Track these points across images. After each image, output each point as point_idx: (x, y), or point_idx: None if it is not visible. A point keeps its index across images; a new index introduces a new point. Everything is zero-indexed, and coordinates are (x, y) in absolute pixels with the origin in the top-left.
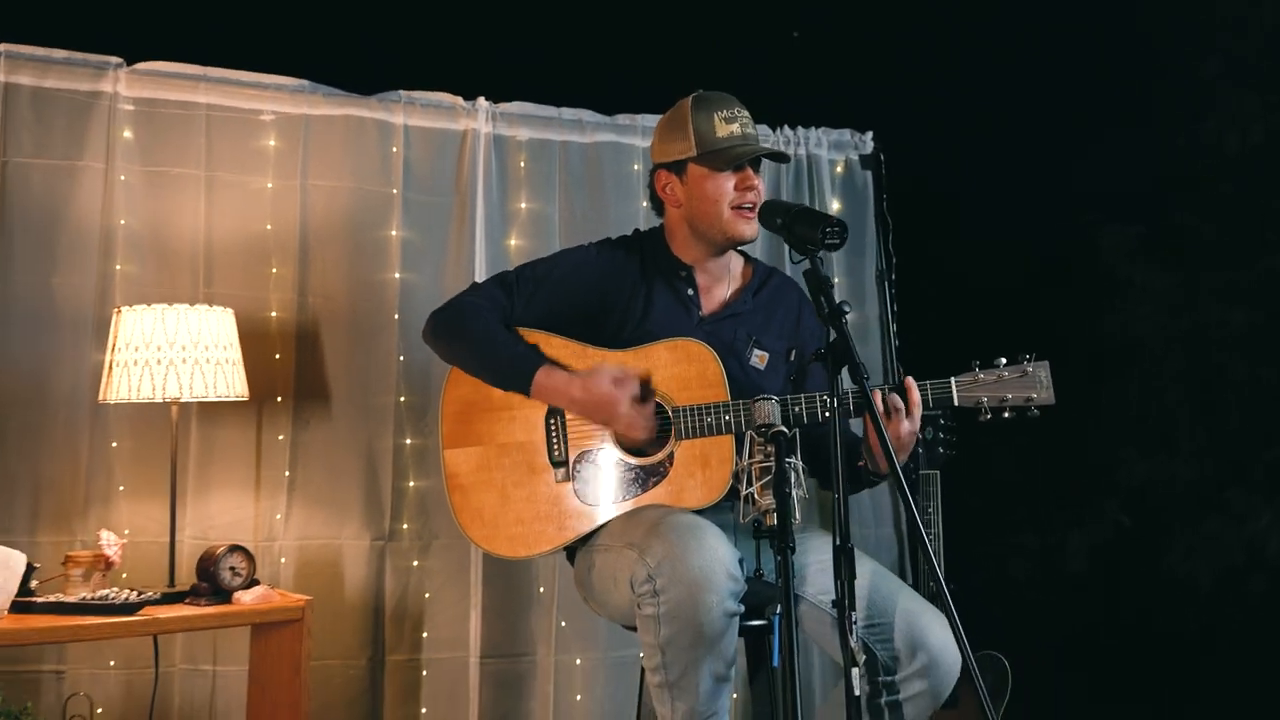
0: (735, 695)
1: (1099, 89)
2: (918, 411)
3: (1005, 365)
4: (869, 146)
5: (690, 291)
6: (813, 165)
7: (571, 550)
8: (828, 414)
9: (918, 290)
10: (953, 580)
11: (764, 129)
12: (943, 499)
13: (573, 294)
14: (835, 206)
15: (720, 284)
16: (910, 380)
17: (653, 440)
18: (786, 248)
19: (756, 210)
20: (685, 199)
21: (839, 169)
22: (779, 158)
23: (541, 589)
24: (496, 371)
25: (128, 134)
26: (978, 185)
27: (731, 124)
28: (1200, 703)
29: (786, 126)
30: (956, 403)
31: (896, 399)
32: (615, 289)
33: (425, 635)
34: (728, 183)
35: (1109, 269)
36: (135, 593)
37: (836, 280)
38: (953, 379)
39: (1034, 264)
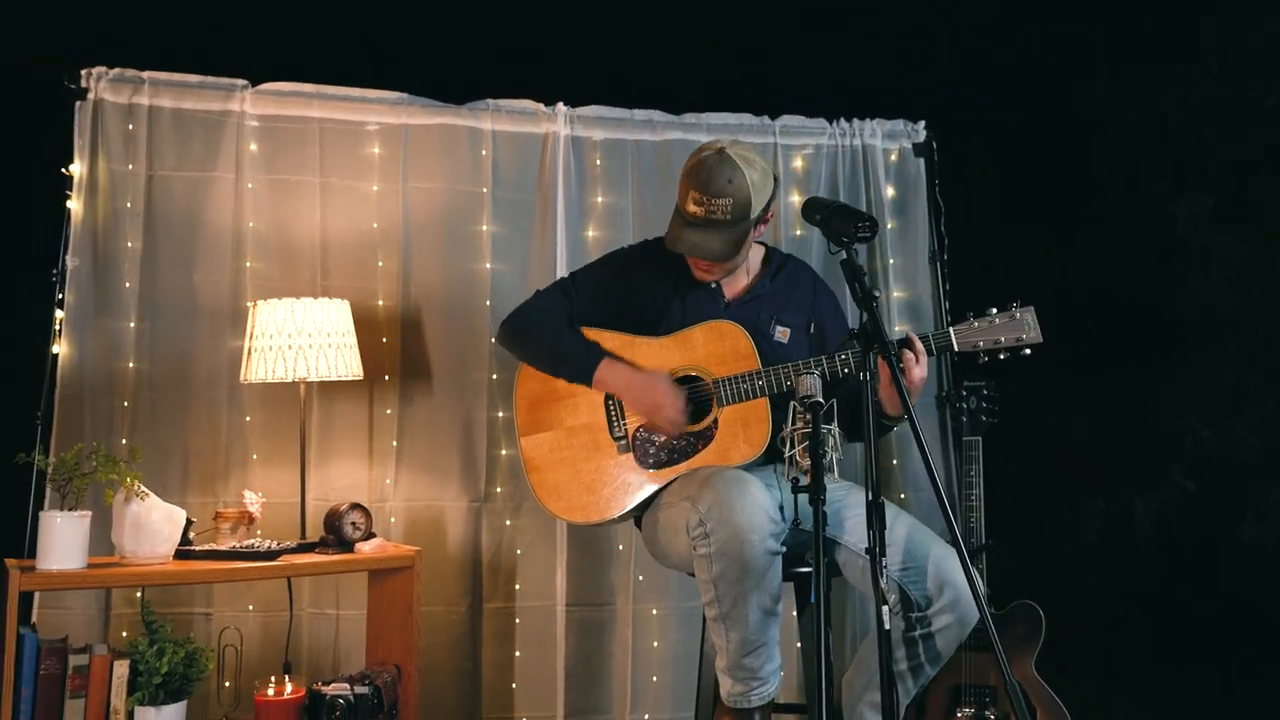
0: (798, 645)
1: (1162, 60)
2: (924, 359)
3: (996, 313)
4: (921, 135)
5: (714, 285)
6: (868, 155)
7: (640, 519)
8: (846, 370)
9: (970, 270)
10: (1001, 537)
11: (820, 122)
12: (1004, 462)
13: (620, 291)
14: (889, 193)
15: (739, 276)
16: (913, 334)
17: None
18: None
19: (706, 267)
20: None
21: (893, 157)
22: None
23: (621, 547)
24: (561, 367)
25: (253, 147)
26: (1032, 165)
27: (697, 206)
28: (1265, 669)
29: (842, 119)
30: (956, 348)
31: (907, 353)
32: (655, 286)
33: (518, 586)
34: None
35: (1182, 239)
36: (275, 542)
37: (892, 261)
38: (951, 328)
39: (1095, 238)
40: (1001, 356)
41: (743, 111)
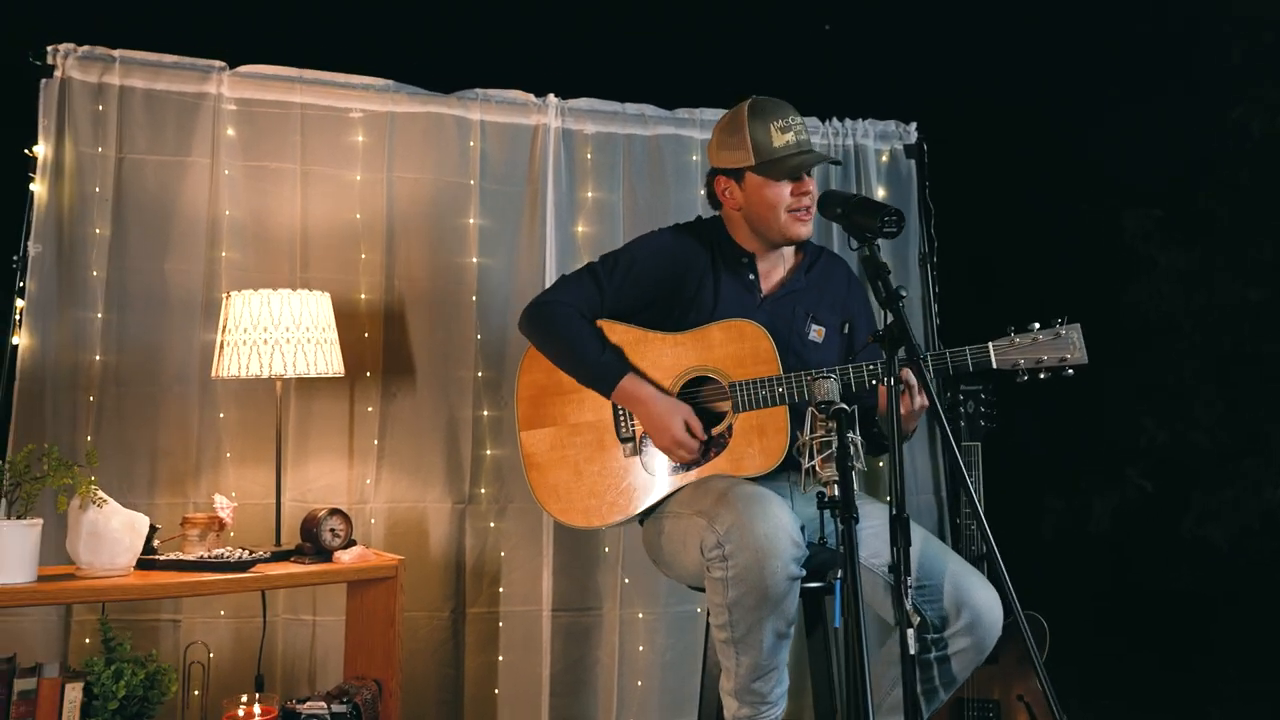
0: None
1: (1130, 78)
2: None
3: (1039, 329)
4: (913, 137)
5: (752, 276)
6: (860, 155)
7: (641, 517)
8: (873, 382)
9: (957, 271)
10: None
11: (813, 121)
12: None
13: (653, 277)
14: (881, 194)
15: (777, 267)
16: (907, 370)
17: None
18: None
19: (812, 211)
20: (744, 203)
21: (884, 158)
22: (829, 162)
23: (607, 549)
24: (583, 374)
25: (230, 132)
26: (1013, 172)
27: (786, 133)
28: (1215, 657)
29: (835, 119)
30: (995, 365)
31: (909, 374)
32: (688, 273)
33: (502, 590)
34: (784, 190)
35: (1130, 249)
36: (247, 551)
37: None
38: (990, 344)
39: (1064, 244)
40: (1042, 376)
41: None
